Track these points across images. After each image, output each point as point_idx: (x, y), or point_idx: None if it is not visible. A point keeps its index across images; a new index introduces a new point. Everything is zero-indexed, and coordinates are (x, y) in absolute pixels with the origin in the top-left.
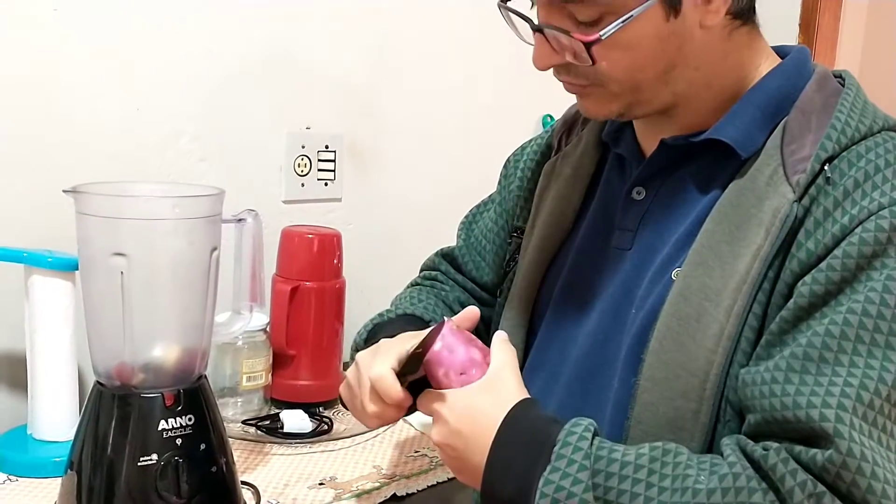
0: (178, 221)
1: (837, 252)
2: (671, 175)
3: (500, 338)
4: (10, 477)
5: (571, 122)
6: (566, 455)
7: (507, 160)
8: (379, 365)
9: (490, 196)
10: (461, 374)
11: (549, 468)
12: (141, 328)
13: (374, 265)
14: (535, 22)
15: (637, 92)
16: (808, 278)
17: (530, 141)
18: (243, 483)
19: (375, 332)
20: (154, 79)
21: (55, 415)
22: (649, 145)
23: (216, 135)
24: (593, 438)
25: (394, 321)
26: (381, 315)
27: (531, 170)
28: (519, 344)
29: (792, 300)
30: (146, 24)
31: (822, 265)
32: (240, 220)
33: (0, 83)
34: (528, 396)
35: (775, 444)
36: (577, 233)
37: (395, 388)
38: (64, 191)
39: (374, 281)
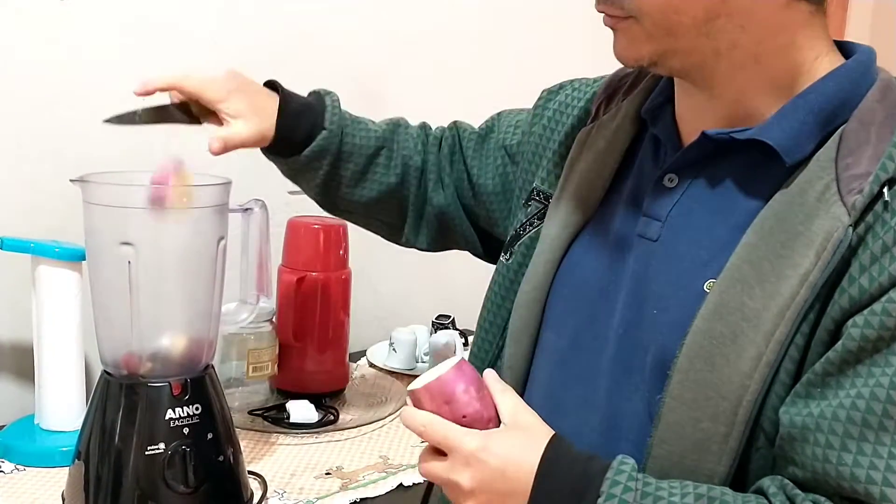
0: (185, 211)
1: (894, 295)
2: (708, 167)
3: (492, 377)
4: (18, 466)
5: (613, 90)
6: None
7: (547, 93)
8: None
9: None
10: (479, 391)
11: None
12: (148, 317)
13: (380, 256)
14: None
15: (671, 36)
16: (859, 319)
17: (570, 82)
18: (250, 473)
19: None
20: (161, 68)
21: (62, 405)
22: (688, 131)
23: None
24: (636, 488)
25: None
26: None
27: (559, 122)
28: (534, 319)
29: (840, 342)
30: (153, 14)
31: (876, 307)
32: (247, 209)
33: (7, 74)
34: (555, 434)
35: None
36: (603, 212)
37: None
38: (71, 180)
39: (379, 272)
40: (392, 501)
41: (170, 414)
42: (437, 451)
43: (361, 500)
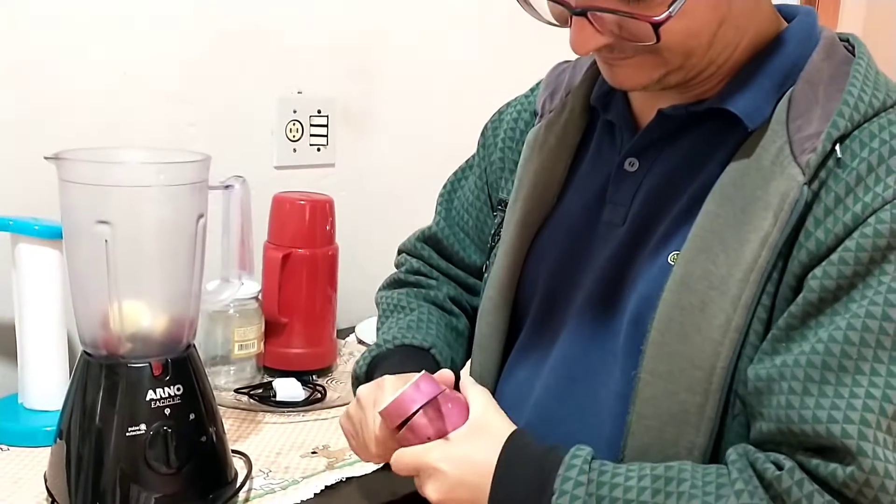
0: (163, 188)
1: (849, 244)
2: (668, 146)
3: (469, 381)
4: (2, 446)
5: (554, 87)
6: None
7: (485, 127)
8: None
9: (467, 163)
10: (438, 410)
11: None
12: (127, 297)
13: (367, 231)
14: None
15: (688, 57)
16: (818, 271)
17: (507, 105)
18: (235, 452)
19: (375, 366)
20: (141, 42)
21: (46, 384)
22: (643, 112)
23: (206, 99)
24: (589, 480)
25: (393, 354)
26: (378, 346)
27: (513, 139)
28: (501, 324)
29: (801, 294)
30: None
31: (833, 257)
32: (227, 186)
33: None
34: (518, 429)
35: (789, 463)
36: (563, 206)
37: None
38: (46, 157)
39: (367, 247)
40: (377, 480)
41: (150, 395)
42: None
43: (347, 479)
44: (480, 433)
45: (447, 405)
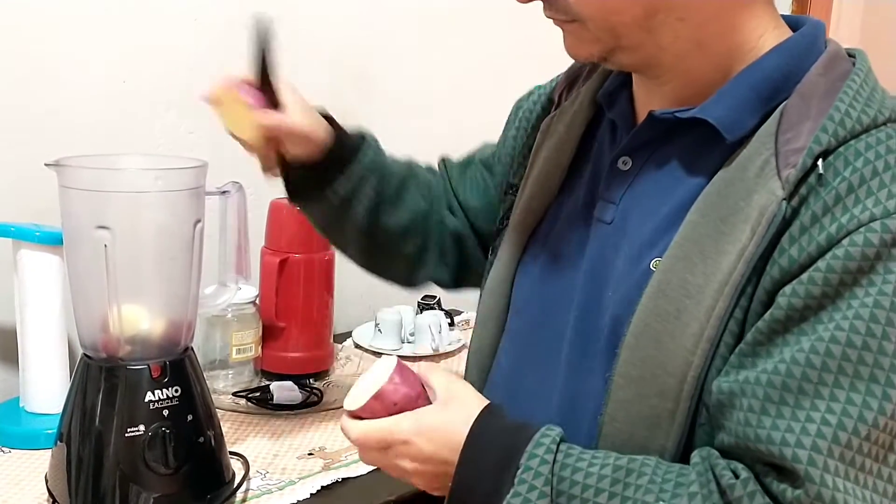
0: (160, 194)
1: (821, 264)
2: (659, 148)
3: (427, 366)
4: (3, 449)
5: (574, 78)
6: (527, 480)
7: (518, 101)
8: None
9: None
10: (401, 374)
11: (511, 492)
12: (126, 301)
13: None
14: None
15: (616, 37)
16: (787, 289)
17: (538, 87)
18: (232, 454)
19: None
20: (140, 50)
21: (47, 387)
22: (643, 113)
23: (205, 107)
24: (554, 460)
25: None
26: None
27: (527, 125)
28: (497, 307)
29: (769, 311)
30: None
31: (804, 277)
32: (223, 192)
33: None
34: (489, 403)
35: (745, 473)
36: (563, 197)
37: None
38: (46, 164)
39: None
40: (373, 481)
41: (149, 396)
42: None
43: (343, 479)
44: (454, 405)
45: (406, 371)
